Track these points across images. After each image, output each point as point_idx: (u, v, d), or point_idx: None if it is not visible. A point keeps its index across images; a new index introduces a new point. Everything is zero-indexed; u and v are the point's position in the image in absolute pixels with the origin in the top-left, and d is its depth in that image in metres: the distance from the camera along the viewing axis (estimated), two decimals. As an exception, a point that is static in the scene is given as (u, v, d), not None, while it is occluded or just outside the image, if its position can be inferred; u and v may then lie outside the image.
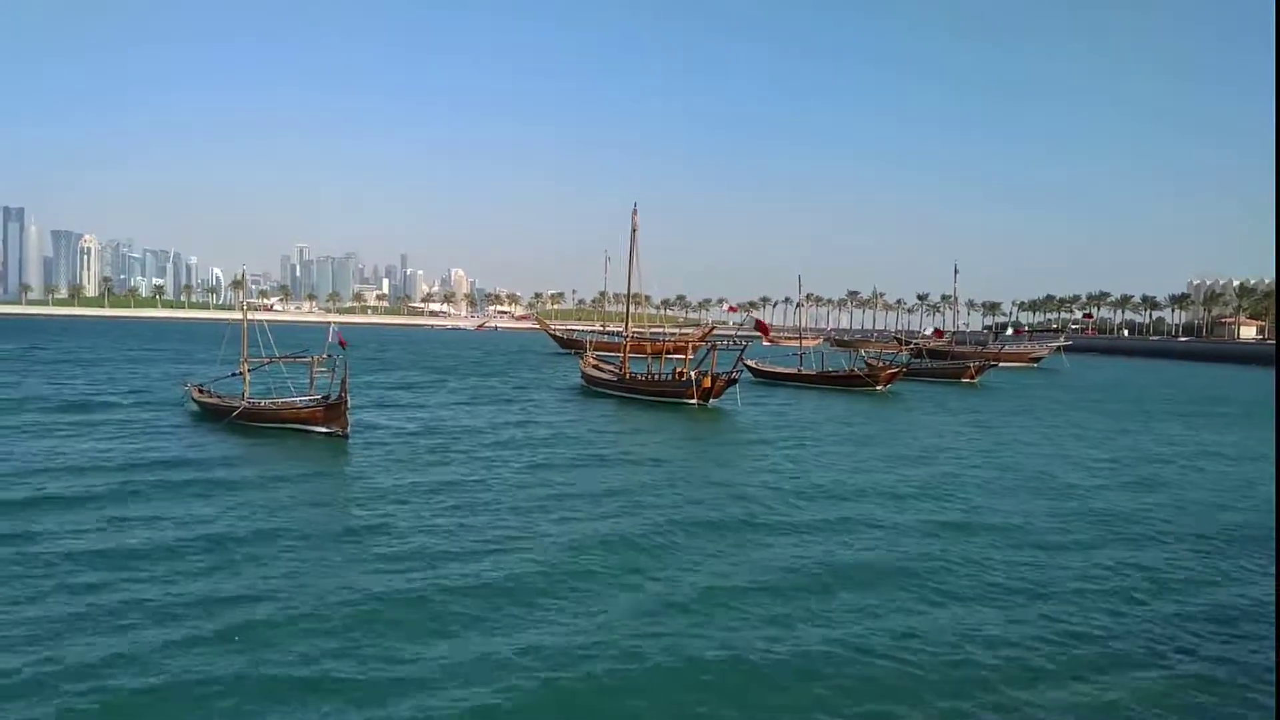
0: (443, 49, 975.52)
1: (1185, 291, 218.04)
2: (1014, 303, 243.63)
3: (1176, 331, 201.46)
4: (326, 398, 26.48)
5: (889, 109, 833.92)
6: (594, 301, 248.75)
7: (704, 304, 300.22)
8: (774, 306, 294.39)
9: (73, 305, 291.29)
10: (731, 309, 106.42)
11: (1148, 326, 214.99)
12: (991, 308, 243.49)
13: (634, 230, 47.81)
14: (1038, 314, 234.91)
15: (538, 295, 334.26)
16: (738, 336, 64.79)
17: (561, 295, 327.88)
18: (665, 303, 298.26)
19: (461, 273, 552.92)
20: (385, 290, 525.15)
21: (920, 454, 26.69)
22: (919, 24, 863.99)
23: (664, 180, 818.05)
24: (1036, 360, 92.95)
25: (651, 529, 15.95)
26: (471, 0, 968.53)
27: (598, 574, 13.15)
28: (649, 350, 59.72)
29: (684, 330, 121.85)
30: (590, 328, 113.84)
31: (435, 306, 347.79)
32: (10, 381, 41.31)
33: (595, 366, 47.69)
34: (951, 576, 13.65)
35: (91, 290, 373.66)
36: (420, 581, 12.48)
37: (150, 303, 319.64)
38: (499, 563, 13.50)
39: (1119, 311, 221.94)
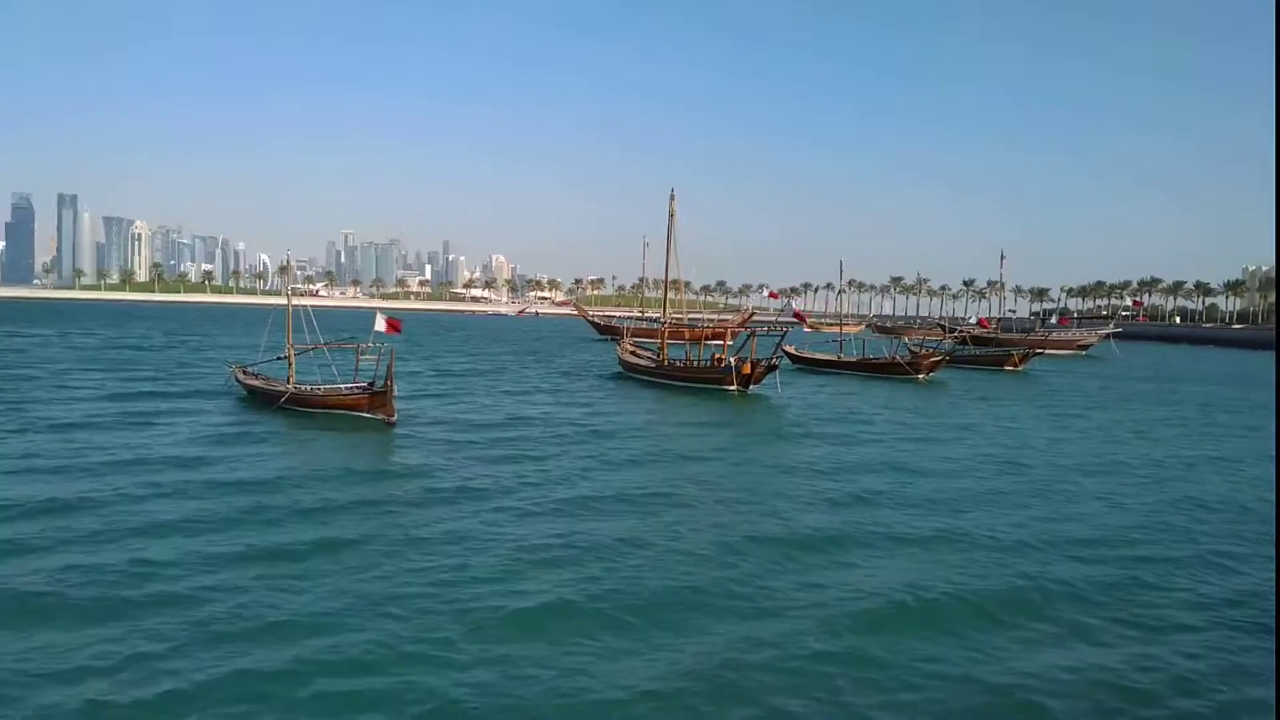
0: (480, 49, 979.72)
1: (1240, 278, 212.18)
2: (1063, 289, 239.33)
3: (1231, 319, 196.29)
4: (371, 385, 26.86)
5: (940, 98, 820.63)
6: (634, 287, 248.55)
7: (744, 289, 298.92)
8: (815, 292, 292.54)
9: (124, 290, 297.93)
10: (772, 295, 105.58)
11: (1201, 313, 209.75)
12: (1040, 294, 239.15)
13: (671, 216, 47.65)
14: (1087, 300, 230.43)
15: (578, 281, 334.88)
16: (778, 322, 64.41)
17: (601, 281, 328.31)
18: (705, 288, 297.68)
19: (503, 259, 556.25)
20: (428, 276, 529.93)
21: (985, 449, 26.37)
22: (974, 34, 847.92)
23: (707, 165, 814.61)
24: (1085, 348, 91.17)
25: (710, 535, 15.58)
26: (507, 3, 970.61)
27: (665, 586, 12.49)
28: (687, 336, 59.67)
29: (723, 316, 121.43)
30: (629, 313, 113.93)
31: (477, 292, 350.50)
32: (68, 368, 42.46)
33: (632, 352, 47.70)
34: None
35: (142, 276, 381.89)
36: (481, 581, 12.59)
37: (199, 288, 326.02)
38: (565, 567, 12.99)
39: (1171, 298, 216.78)
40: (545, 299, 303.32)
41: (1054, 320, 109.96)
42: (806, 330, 69.48)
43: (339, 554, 13.04)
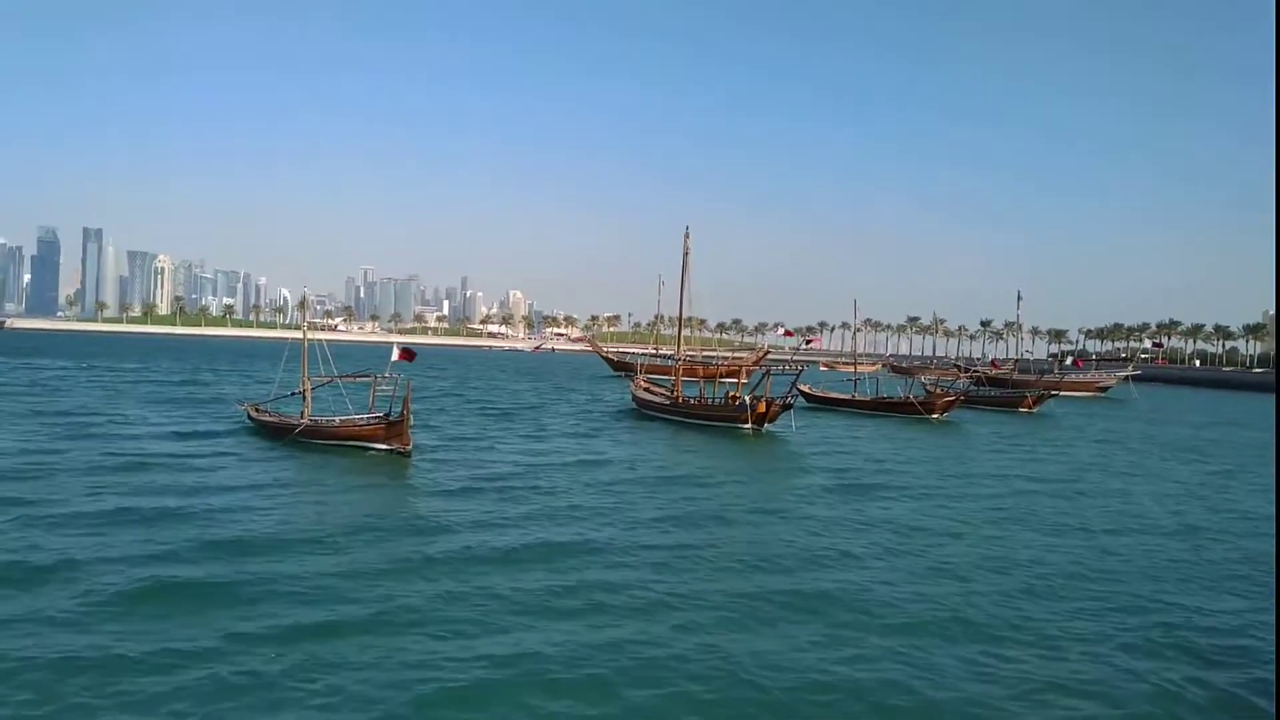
0: (497, 84, 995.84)
1: (1260, 321, 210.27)
2: (1081, 330, 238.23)
3: (1251, 363, 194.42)
4: (387, 415, 27.00)
5: (953, 131, 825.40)
6: (649, 324, 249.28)
7: (760, 327, 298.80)
8: (831, 331, 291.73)
9: (146, 323, 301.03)
10: (787, 333, 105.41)
11: (1221, 357, 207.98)
12: (1057, 335, 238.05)
13: (686, 254, 48.03)
14: (1106, 342, 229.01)
15: (594, 318, 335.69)
16: (793, 361, 64.30)
17: (617, 317, 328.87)
18: (721, 326, 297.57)
19: (519, 295, 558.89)
20: (445, 312, 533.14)
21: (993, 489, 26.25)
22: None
23: (725, 198, 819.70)
24: (1103, 390, 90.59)
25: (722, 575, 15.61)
26: (521, 41, 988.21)
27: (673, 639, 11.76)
28: (701, 374, 59.69)
29: (738, 354, 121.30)
30: (643, 350, 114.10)
31: (494, 328, 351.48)
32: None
33: (646, 389, 47.77)
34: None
35: (164, 309, 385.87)
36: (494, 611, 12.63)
37: (220, 321, 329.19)
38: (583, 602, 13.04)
39: (1190, 341, 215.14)
40: (561, 335, 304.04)
41: (1069, 362, 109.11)
42: (823, 369, 69.62)
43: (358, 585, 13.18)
